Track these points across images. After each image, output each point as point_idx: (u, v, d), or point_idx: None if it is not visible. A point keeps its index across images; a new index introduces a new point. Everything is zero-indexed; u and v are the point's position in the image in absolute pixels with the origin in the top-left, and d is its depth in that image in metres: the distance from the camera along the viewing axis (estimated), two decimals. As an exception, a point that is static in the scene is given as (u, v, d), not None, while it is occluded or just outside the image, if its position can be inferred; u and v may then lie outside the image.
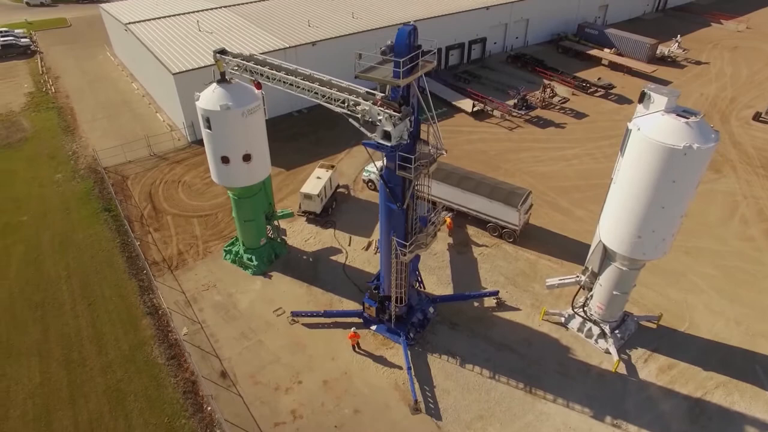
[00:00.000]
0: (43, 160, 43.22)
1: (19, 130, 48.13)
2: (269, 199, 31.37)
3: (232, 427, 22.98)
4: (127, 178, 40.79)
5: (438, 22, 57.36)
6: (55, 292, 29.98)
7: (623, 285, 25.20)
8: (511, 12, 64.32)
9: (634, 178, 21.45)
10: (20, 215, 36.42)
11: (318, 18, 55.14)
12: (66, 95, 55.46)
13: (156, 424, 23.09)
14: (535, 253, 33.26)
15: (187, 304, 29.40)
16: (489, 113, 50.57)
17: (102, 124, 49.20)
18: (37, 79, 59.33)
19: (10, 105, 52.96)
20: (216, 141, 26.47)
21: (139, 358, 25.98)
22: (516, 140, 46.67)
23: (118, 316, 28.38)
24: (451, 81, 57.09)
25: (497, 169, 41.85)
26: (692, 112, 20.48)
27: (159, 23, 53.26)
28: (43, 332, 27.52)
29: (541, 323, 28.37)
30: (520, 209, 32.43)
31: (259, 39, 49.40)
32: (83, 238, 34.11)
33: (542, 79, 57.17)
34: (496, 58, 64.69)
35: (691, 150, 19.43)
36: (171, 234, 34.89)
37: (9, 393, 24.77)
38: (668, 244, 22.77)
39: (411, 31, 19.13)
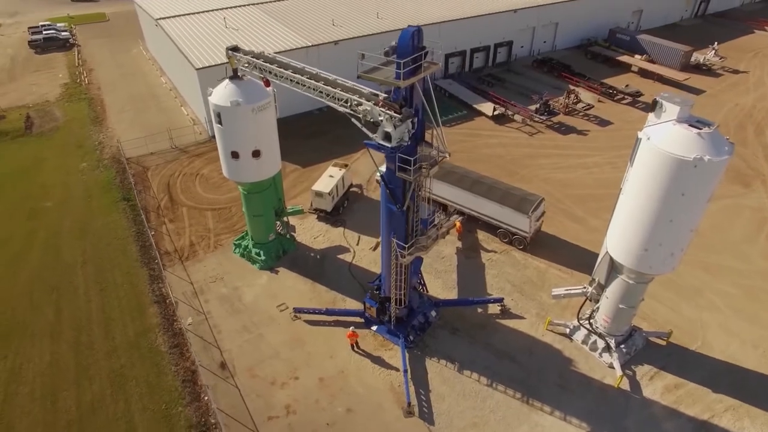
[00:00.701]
0: (71, 149, 44.87)
1: (52, 119, 50.10)
2: (279, 195, 31.71)
3: (226, 417, 23.35)
4: (147, 169, 41.95)
5: (463, 24, 56.91)
6: (71, 276, 31.10)
7: (630, 299, 24.47)
8: (540, 15, 63.24)
9: (642, 189, 20.81)
10: (45, 201, 37.93)
11: (343, 17, 55.46)
12: (98, 87, 57.44)
13: (153, 410, 23.68)
14: (545, 261, 32.62)
15: (194, 294, 30.02)
16: (510, 117, 49.83)
17: (129, 115, 50.74)
18: (72, 71, 61.65)
19: (46, 95, 55.20)
20: (226, 136, 26.95)
21: (143, 345, 26.70)
22: (535, 146, 45.87)
23: (128, 302, 29.23)
24: (474, 84, 56.54)
25: (514, 174, 41.21)
26: (706, 122, 19.73)
27: (188, 19, 54.54)
28: (56, 314, 28.59)
29: (544, 333, 27.81)
30: (531, 216, 31.86)
31: (282, 37, 50.03)
32: (101, 225, 35.26)
33: (568, 84, 56.19)
34: (521, 62, 63.71)
35: (702, 162, 18.71)
36: (185, 225, 35.71)
37: (21, 370, 25.84)
38: (677, 259, 21.99)
39: (414, 33, 18.99)
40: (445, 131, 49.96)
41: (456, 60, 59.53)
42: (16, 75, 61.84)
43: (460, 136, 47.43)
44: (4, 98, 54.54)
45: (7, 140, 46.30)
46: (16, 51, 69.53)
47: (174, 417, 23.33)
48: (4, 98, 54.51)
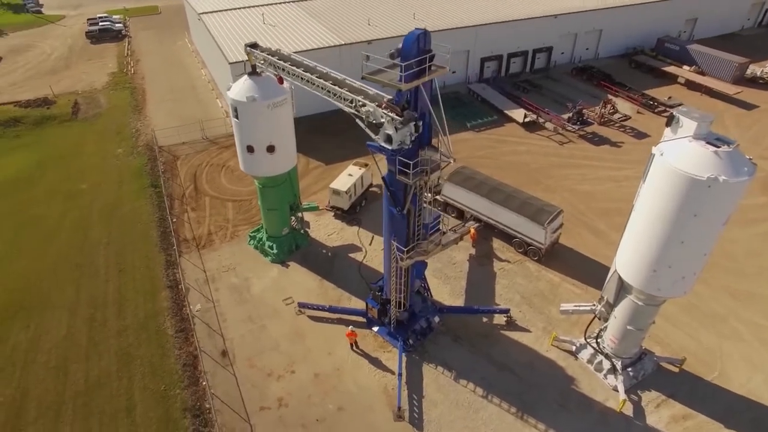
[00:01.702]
0: (110, 135, 47.13)
1: (96, 106, 52.80)
2: (294, 191, 32.17)
3: (220, 404, 23.96)
4: (177, 158, 43.52)
5: (501, 28, 55.98)
6: (94, 256, 32.70)
7: (639, 320, 23.40)
8: (583, 22, 61.28)
9: (653, 207, 19.87)
10: (81, 184, 40.02)
11: (379, 17, 55.65)
12: (142, 77, 60.06)
13: (153, 390, 24.58)
14: (559, 275, 31.67)
15: (206, 282, 30.93)
16: (541, 125, 48.62)
17: (167, 105, 52.79)
18: (120, 61, 64.74)
19: (94, 83, 58.20)
20: (242, 130, 27.62)
21: (151, 327, 27.75)
22: (565, 155, 44.56)
23: (142, 285, 30.45)
24: (509, 89, 55.48)
25: (538, 183, 40.20)
26: (726, 140, 18.61)
27: (229, 14, 56.17)
28: (76, 291, 30.14)
29: (549, 349, 27.01)
30: (547, 228, 30.99)
31: (317, 34, 50.70)
32: (128, 210, 36.88)
33: (606, 94, 54.27)
34: (561, 69, 61.94)
35: (717, 182, 17.66)
36: (206, 215, 36.82)
37: (39, 341, 27.42)
38: (689, 282, 20.86)
39: (420, 36, 18.85)
40: (472, 136, 49.44)
41: (492, 64, 58.58)
42: (71, 63, 65.52)
43: (487, 141, 46.72)
44: (58, 85, 57.87)
45: (54, 124, 49.15)
46: (74, 41, 73.67)
47: (171, 398, 24.14)
48: (58, 85, 57.83)
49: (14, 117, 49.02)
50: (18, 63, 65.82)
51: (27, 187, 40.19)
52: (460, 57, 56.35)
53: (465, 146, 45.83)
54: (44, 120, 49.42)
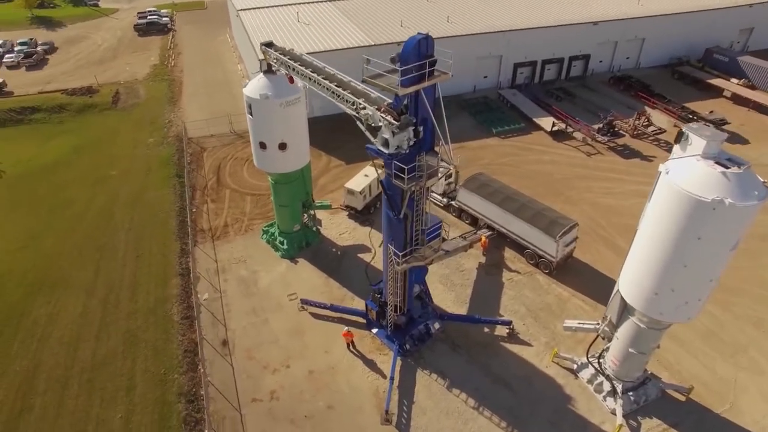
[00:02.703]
0: (144, 125, 49.15)
1: (135, 96, 55.18)
2: (307, 188, 32.63)
3: (214, 392, 24.63)
4: (204, 150, 44.92)
5: (535, 34, 54.84)
6: (115, 240, 34.23)
7: (641, 344, 22.47)
8: (624, 30, 59.17)
9: (656, 227, 19.05)
10: (112, 170, 41.96)
11: (412, 19, 55.56)
12: (181, 69, 62.31)
13: (153, 372, 25.53)
14: (570, 290, 30.79)
15: (216, 272, 31.81)
16: (569, 135, 47.35)
17: (201, 98, 54.54)
18: (163, 54, 67.37)
19: (136, 74, 60.85)
20: (255, 127, 28.27)
21: (159, 312, 28.80)
22: (591, 167, 43.23)
23: (156, 271, 31.64)
24: (541, 96, 54.28)
25: (559, 194, 39.19)
26: (737, 161, 17.60)
27: (265, 11, 57.46)
28: (95, 273, 31.66)
29: (549, 365, 26.31)
30: (559, 241, 30.18)
31: (347, 34, 51.14)
32: (152, 197, 38.39)
33: (643, 105, 52.29)
34: (598, 77, 60.03)
35: (722, 205, 16.74)
36: (224, 207, 37.87)
37: (57, 317, 28.98)
38: (693, 308, 19.86)
39: (421, 41, 18.75)
40: (497, 142, 48.75)
41: (525, 70, 57.45)
42: (118, 54, 68.72)
43: (512, 148, 45.92)
44: (103, 75, 60.85)
45: (95, 112, 51.72)
46: (123, 33, 77.21)
47: (169, 382, 25.00)
48: (103, 75, 60.81)
49: (60, 104, 51.89)
50: (71, 53, 69.54)
51: (64, 170, 42.49)
52: (492, 62, 55.60)
53: (488, 152, 45.22)
54: (86, 108, 52.08)
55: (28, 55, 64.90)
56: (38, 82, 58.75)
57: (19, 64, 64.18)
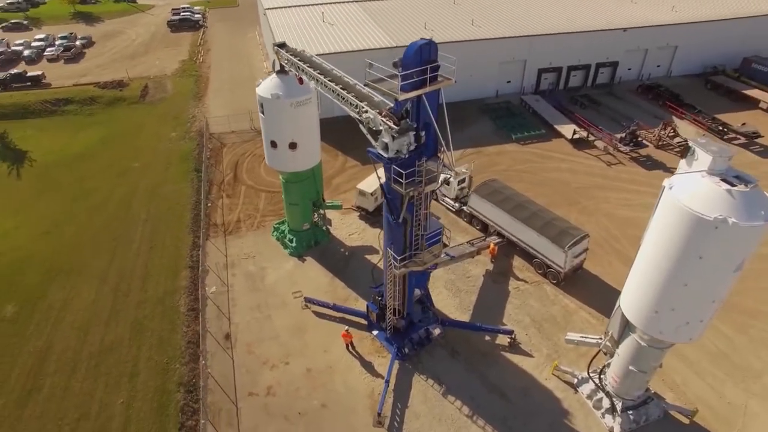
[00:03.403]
0: (169, 119, 50.52)
1: (163, 91, 56.76)
2: (317, 188, 32.96)
3: (213, 384, 25.18)
4: (224, 145, 45.86)
5: (561, 39, 53.87)
6: (131, 231, 35.35)
7: (642, 362, 21.87)
8: (655, 37, 57.46)
9: (658, 243, 18.61)
10: (134, 162, 43.30)
11: (437, 22, 55.32)
12: (208, 66, 63.75)
13: (157, 361, 26.28)
14: (577, 302, 30.19)
15: (225, 267, 32.46)
16: (591, 143, 46.34)
17: (225, 94, 55.68)
18: (192, 50, 69.02)
19: (165, 69, 62.56)
20: (267, 126, 28.77)
21: (167, 303, 29.61)
22: (610, 177, 42.22)
23: (167, 262, 32.52)
24: (564, 103, 53.30)
25: (574, 204, 38.45)
26: (746, 179, 16.96)
27: (292, 11, 58.22)
28: (109, 261, 32.77)
29: (549, 377, 25.88)
30: (568, 252, 29.62)
31: (369, 35, 51.32)
32: (169, 190, 39.45)
33: (671, 115, 50.79)
34: (626, 85, 58.49)
35: (725, 224, 16.16)
36: (239, 202, 38.60)
37: (72, 302, 30.13)
38: (695, 330, 19.22)
39: (422, 46, 18.75)
40: (516, 149, 48.18)
41: (550, 76, 56.46)
42: (150, 49, 70.77)
43: (530, 155, 45.27)
44: (135, 69, 62.79)
45: (123, 105, 53.45)
46: (157, 29, 79.46)
47: (170, 372, 25.69)
48: (134, 69, 62.75)
49: (92, 96, 53.84)
50: (106, 47, 72.00)
51: (90, 161, 44.09)
52: (516, 67, 54.90)
53: (506, 158, 44.72)
54: (116, 101, 53.89)
55: (66, 49, 67.53)
56: (74, 75, 61.08)
57: (59, 57, 66.83)
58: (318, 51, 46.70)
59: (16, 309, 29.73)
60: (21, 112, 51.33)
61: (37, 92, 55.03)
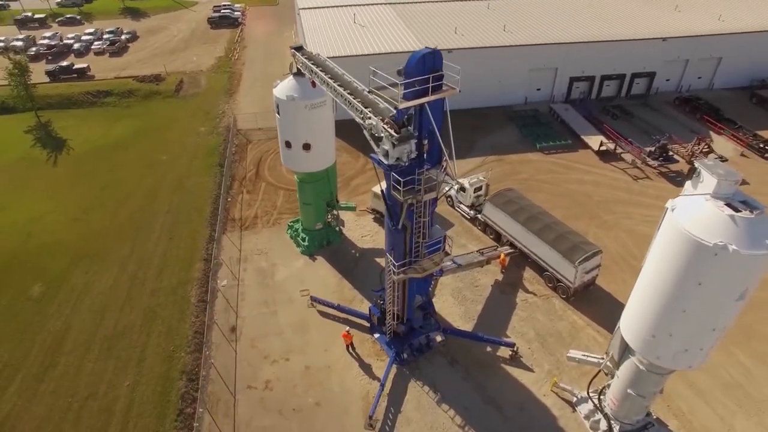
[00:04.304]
0: (200, 114, 52.17)
1: (196, 86, 58.64)
2: (331, 189, 33.41)
3: (215, 374, 25.99)
4: (249, 142, 47.02)
5: (595, 48, 52.58)
6: (153, 222, 36.78)
7: (640, 386, 21.24)
8: (698, 47, 55.21)
9: (657, 266, 18.05)
10: (162, 155, 44.99)
11: (468, 27, 54.93)
12: (243, 63, 65.39)
13: (164, 348, 27.34)
14: (586, 318, 29.53)
15: (238, 261, 33.36)
16: (618, 156, 45.06)
17: (256, 91, 56.98)
18: (229, 47, 70.91)
19: (201, 65, 64.57)
20: (282, 126, 29.39)
21: (179, 293, 30.71)
22: (635, 192, 40.94)
23: (183, 254, 33.69)
24: (595, 113, 51.97)
25: (594, 218, 37.54)
26: (753, 205, 16.25)
27: (325, 11, 59.01)
28: (130, 250, 34.22)
29: (547, 393, 25.45)
30: (578, 267, 28.98)
31: (398, 38, 51.47)
32: (193, 184, 40.81)
33: (709, 130, 48.80)
34: (663, 97, 56.46)
35: (725, 252, 15.53)
36: (258, 199, 39.55)
37: (92, 287, 31.67)
38: (695, 357, 18.54)
39: (426, 55, 18.80)
40: (539, 158, 47.49)
41: (582, 85, 55.17)
42: (189, 45, 73.17)
43: (553, 165, 44.44)
44: (172, 64, 65.12)
45: (158, 99, 55.56)
46: (197, 25, 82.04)
47: (175, 360, 26.67)
48: (172, 63, 65.09)
49: (130, 89, 56.22)
50: (149, 42, 74.89)
51: (122, 152, 46.08)
52: (546, 74, 53.91)
53: (528, 167, 44.04)
54: (152, 94, 56.06)
55: (112, 43, 70.68)
56: (116, 68, 63.85)
57: (104, 50, 70.05)
58: (344, 53, 47.33)
59: (43, 289, 31.48)
60: (65, 103, 54.15)
61: (81, 84, 57.91)
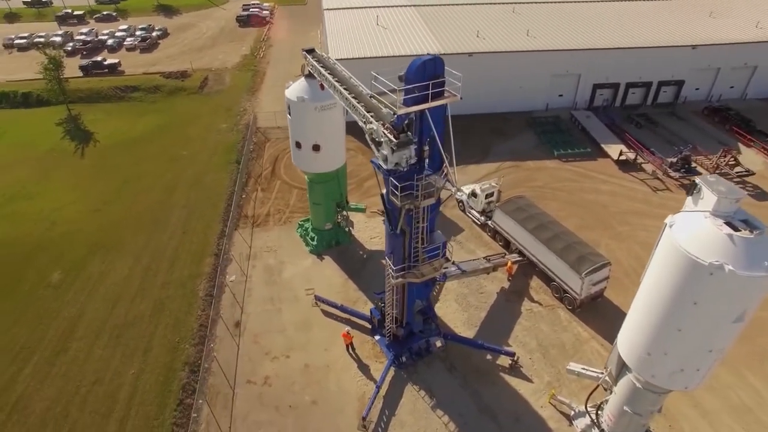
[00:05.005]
0: (222, 111, 53.31)
1: (221, 83, 59.90)
2: (341, 190, 33.72)
3: (217, 367, 26.63)
4: (268, 140, 47.82)
5: (621, 54, 51.40)
6: (169, 216, 37.83)
7: (636, 404, 20.79)
8: (731, 55, 53.33)
9: (654, 282, 17.67)
10: (183, 150, 46.19)
11: (490, 30, 54.47)
12: (267, 61, 66.45)
13: (169, 339, 28.16)
14: (591, 331, 29.04)
15: (247, 257, 34.02)
16: (639, 166, 44.01)
17: (278, 90, 57.48)
18: (255, 45, 72.12)
19: (227, 63, 65.91)
20: (293, 127, 29.85)
21: (188, 286, 31.53)
22: (653, 204, 39.93)
23: (195, 248, 34.56)
24: (618, 121, 50.85)
25: (608, 229, 36.81)
26: (755, 225, 15.75)
27: (348, 12, 59.42)
28: (146, 242, 35.30)
29: (545, 405, 25.16)
30: (585, 278, 28.51)
31: (419, 40, 51.45)
32: (210, 180, 41.78)
33: (737, 141, 47.19)
34: (691, 106, 54.76)
35: (721, 272, 15.12)
36: (271, 197, 40.21)
37: (107, 277, 32.82)
38: (691, 378, 18.06)
39: (426, 62, 18.88)
40: (556, 165, 46.84)
41: (606, 92, 54.04)
42: (216, 43, 74.77)
43: (570, 173, 43.73)
44: (199, 61, 66.68)
45: (183, 95, 57.02)
46: (226, 23, 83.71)
47: (179, 351, 27.43)
48: (199, 60, 66.65)
49: (156, 85, 57.87)
50: (179, 39, 76.86)
51: (145, 146, 47.51)
52: (569, 80, 53.04)
53: (544, 175, 43.46)
54: (177, 90, 57.58)
55: (143, 39, 72.82)
56: (146, 64, 65.77)
57: (136, 47, 72.22)
58: (363, 54, 47.64)
59: (62, 276, 32.79)
60: (95, 97, 56.13)
61: (110, 79, 59.91)
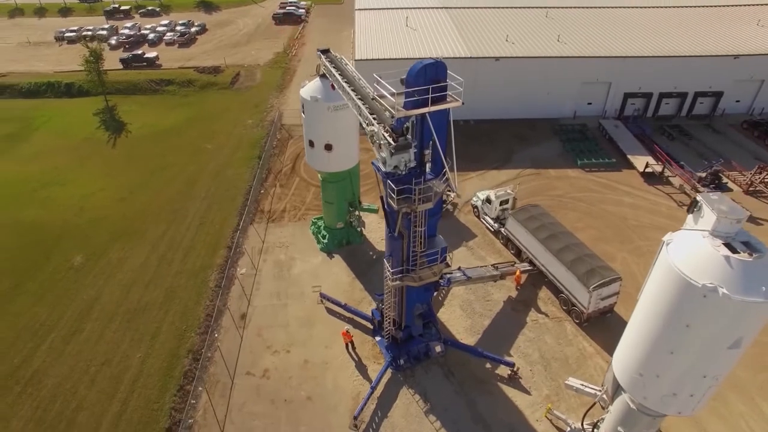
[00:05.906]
0: (250, 107, 54.52)
1: (251, 79, 61.26)
2: (354, 189, 34.00)
3: (219, 357, 27.36)
4: (291, 137, 48.63)
5: (655, 63, 49.70)
6: (188, 207, 39.05)
7: (630, 425, 20.15)
8: (775, 67, 50.82)
9: (648, 301, 17.17)
10: (208, 144, 47.53)
11: (520, 35, 53.69)
12: (299, 59, 67.48)
13: (177, 327, 29.11)
14: (597, 346, 28.31)
15: (259, 251, 34.76)
16: (665, 179, 42.48)
17: (305, 88, 58.62)
18: (288, 43, 73.33)
19: (259, 60, 67.31)
20: (306, 126, 30.34)
21: (200, 276, 32.49)
22: (677, 219, 38.38)
23: (210, 240, 35.58)
24: (648, 132, 49.18)
25: (627, 242, 35.76)
26: (756, 248, 15.06)
27: (379, 13, 59.68)
28: (164, 232, 36.57)
29: (541, 419, 24.72)
30: (593, 292, 27.82)
31: (447, 43, 51.20)
32: (231, 174, 42.85)
33: (775, 158, 44.95)
34: (729, 119, 52.35)
35: (715, 295, 14.54)
36: (289, 193, 40.92)
37: (124, 263, 34.21)
38: (685, 404, 17.42)
39: (427, 66, 18.88)
40: (579, 174, 45.94)
41: (637, 102, 52.32)
42: (252, 40, 76.47)
43: (593, 183, 42.64)
44: (233, 57, 68.37)
45: (214, 90, 58.64)
46: (263, 20, 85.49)
47: (185, 339, 28.33)
48: (233, 57, 68.35)
49: (189, 79, 59.74)
50: (216, 35, 79.01)
51: (174, 138, 49.16)
52: (599, 88, 51.64)
53: (565, 183, 42.54)
54: (209, 85, 59.26)
55: (182, 35, 75.25)
56: (182, 58, 67.93)
57: (174, 41, 74.72)
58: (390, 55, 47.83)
59: (84, 260, 34.37)
60: (131, 89, 58.43)
61: (147, 72, 62.23)
